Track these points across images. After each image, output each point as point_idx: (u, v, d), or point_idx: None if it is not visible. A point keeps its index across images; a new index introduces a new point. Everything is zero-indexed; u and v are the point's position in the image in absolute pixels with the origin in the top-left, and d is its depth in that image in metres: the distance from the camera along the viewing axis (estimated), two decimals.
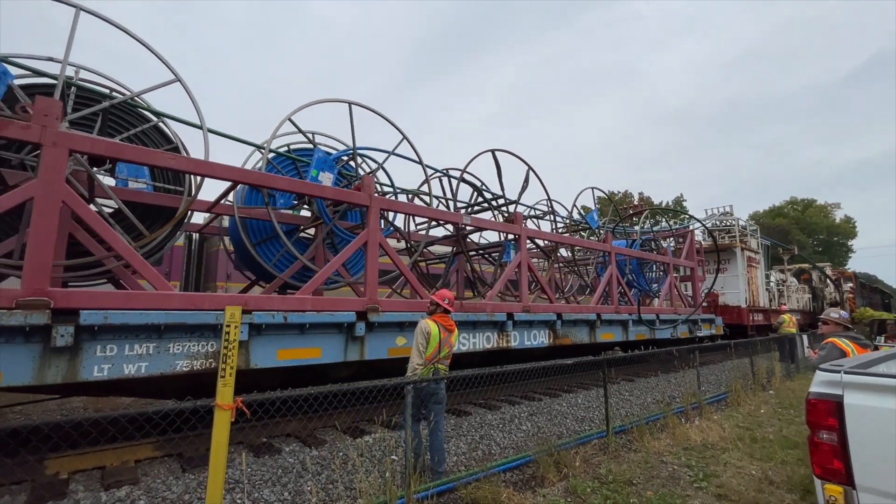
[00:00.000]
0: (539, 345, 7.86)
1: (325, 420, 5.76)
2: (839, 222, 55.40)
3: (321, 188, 5.74)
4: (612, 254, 10.04)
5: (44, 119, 3.85)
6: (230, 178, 5.07)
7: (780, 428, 6.45)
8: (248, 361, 4.63)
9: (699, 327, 12.24)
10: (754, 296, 17.28)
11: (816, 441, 2.23)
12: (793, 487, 4.36)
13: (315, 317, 5.06)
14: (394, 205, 6.71)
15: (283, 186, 5.47)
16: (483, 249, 10.00)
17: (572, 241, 9.90)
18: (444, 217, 7.49)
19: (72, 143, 4.00)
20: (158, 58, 5.19)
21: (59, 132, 3.92)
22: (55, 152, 3.87)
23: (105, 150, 4.23)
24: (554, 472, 4.57)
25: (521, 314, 7.41)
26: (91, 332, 3.82)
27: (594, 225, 10.82)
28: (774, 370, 10.14)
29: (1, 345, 3.47)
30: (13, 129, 3.70)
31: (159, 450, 4.69)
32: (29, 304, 3.52)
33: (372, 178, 6.21)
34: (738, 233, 17.36)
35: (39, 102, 3.90)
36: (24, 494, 3.67)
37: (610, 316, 9.28)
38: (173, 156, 4.65)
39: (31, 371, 3.58)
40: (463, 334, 6.63)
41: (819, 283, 25.56)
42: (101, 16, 4.88)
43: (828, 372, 2.25)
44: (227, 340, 3.14)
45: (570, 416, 6.70)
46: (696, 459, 5.15)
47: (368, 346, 5.57)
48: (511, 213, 8.44)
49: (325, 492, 4.03)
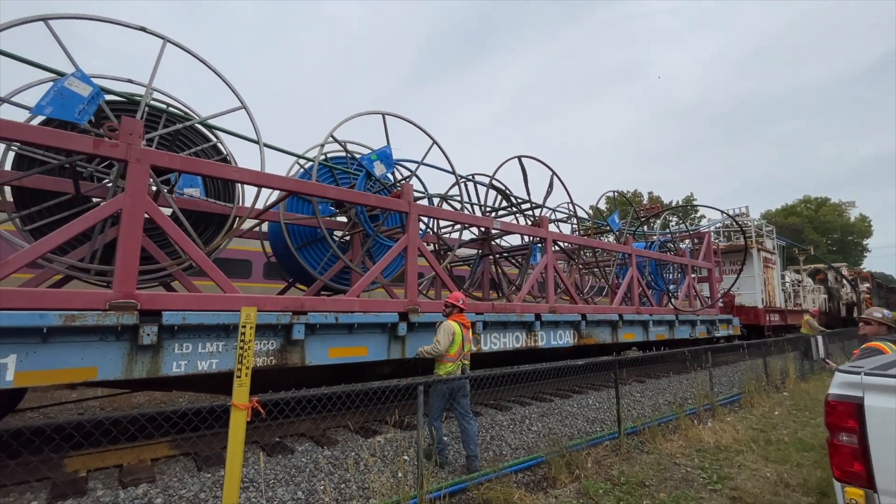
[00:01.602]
0: (564, 344, 8.08)
1: (337, 420, 5.82)
2: (854, 221, 54.45)
3: (365, 196, 6.11)
4: (632, 256, 10.22)
5: (129, 138, 4.18)
6: (287, 189, 5.54)
7: (795, 430, 6.36)
8: (304, 359, 4.93)
9: (717, 327, 12.33)
10: (771, 296, 17.25)
11: (836, 443, 2.20)
12: (809, 490, 4.30)
13: (362, 317, 5.37)
14: (431, 211, 7.11)
15: (333, 195, 5.86)
16: (509, 252, 10.22)
17: (595, 244, 10.08)
18: (477, 222, 7.86)
19: (153, 159, 4.34)
20: (229, 86, 5.59)
21: (142, 149, 4.26)
22: (139, 168, 4.20)
23: (181, 165, 4.60)
24: (566, 473, 4.56)
25: (548, 315, 7.64)
26: (171, 332, 4.13)
27: (615, 227, 10.97)
28: (789, 371, 10.01)
29: (96, 343, 3.79)
30: (104, 146, 4.05)
31: (175, 448, 4.76)
32: (120, 305, 3.85)
33: (411, 185, 6.50)
34: (755, 234, 17.36)
35: (126, 123, 4.22)
36: (45, 492, 3.76)
37: (631, 316, 9.48)
38: (238, 169, 5.03)
39: (121, 367, 3.89)
40: (494, 334, 6.91)
41: (835, 283, 25.18)
42: (185, 48, 5.33)
43: (847, 373, 2.22)
44: (242, 341, 3.18)
45: (580, 417, 6.67)
46: (709, 461, 5.11)
47: (409, 345, 5.86)
48: (537, 216, 8.73)
49: (338, 491, 4.06)
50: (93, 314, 3.68)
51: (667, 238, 13.20)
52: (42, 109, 4.01)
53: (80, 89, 4.15)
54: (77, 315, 3.60)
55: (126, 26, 5.07)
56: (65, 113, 4.08)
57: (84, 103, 4.16)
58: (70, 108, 4.08)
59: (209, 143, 6.04)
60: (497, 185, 9.14)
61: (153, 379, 4.20)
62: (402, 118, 7.19)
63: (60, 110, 4.05)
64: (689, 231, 15.00)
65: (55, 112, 4.04)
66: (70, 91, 4.10)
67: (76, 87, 4.14)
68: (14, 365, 3.43)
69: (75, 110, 4.10)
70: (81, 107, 4.14)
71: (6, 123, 3.71)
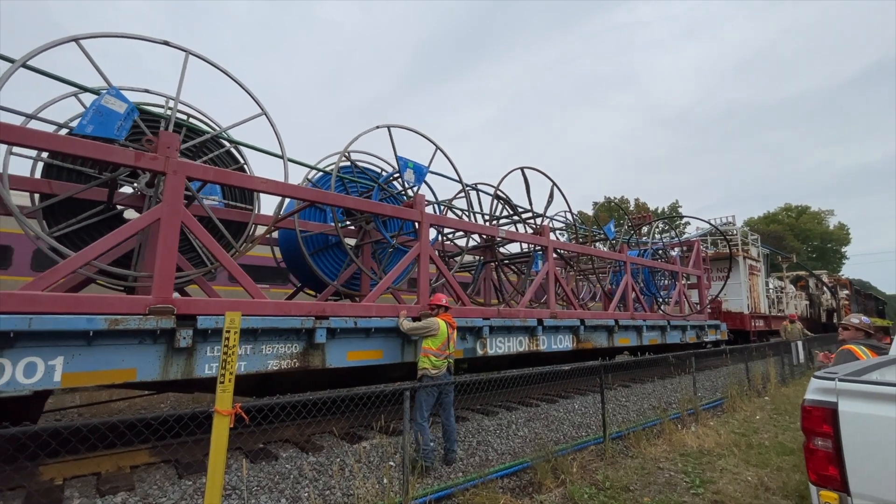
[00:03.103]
0: (564, 348, 8.36)
1: (322, 426, 5.76)
2: (833, 229, 55.92)
3: (381, 206, 6.45)
4: (627, 263, 10.56)
5: (167, 150, 4.37)
6: (309, 199, 5.86)
7: (775, 434, 6.48)
8: (325, 361, 5.12)
9: (706, 332, 12.79)
10: (756, 302, 17.96)
11: (812, 448, 2.26)
12: (788, 494, 4.38)
13: (379, 322, 5.57)
14: (441, 220, 7.35)
15: (351, 205, 6.07)
16: (512, 259, 10.53)
17: (593, 252, 10.42)
18: (484, 231, 8.21)
19: (189, 171, 4.52)
20: (251, 96, 5.77)
21: (179, 161, 4.43)
22: (176, 179, 4.38)
23: (214, 176, 4.79)
24: (551, 478, 4.58)
25: (549, 320, 7.91)
26: (204, 335, 4.28)
27: (611, 236, 11.31)
28: (770, 376, 10.20)
29: (135, 345, 3.96)
30: (144, 159, 4.26)
31: (156, 455, 4.66)
32: (159, 310, 4.03)
33: (423, 196, 6.71)
34: (740, 242, 18.01)
35: (163, 136, 4.41)
36: (19, 501, 3.65)
37: (626, 322, 9.82)
38: (265, 180, 5.21)
39: (158, 368, 4.05)
40: (499, 338, 7.19)
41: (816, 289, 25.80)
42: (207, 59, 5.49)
43: (822, 379, 2.28)
44: (226, 346, 3.14)
45: (567, 422, 6.71)
46: (692, 465, 5.17)
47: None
48: (538, 225, 9.10)
49: (323, 498, 4.02)
50: (134, 318, 3.87)
51: (658, 246, 13.69)
52: (84, 129, 4.19)
53: (117, 106, 4.35)
54: (120, 319, 3.78)
55: (150, 41, 5.23)
56: (105, 130, 4.29)
57: (121, 120, 4.38)
58: (109, 126, 4.30)
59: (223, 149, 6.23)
60: (501, 195, 9.51)
61: (184, 380, 4.32)
62: (414, 131, 7.52)
63: (101, 128, 4.26)
64: (680, 239, 15.57)
65: (96, 130, 4.24)
66: (108, 109, 4.29)
67: (113, 104, 4.33)
68: (62, 366, 3.59)
69: (114, 127, 4.33)
70: (119, 123, 4.36)
71: (55, 137, 3.98)
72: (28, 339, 3.45)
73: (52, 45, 4.49)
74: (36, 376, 3.48)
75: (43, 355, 3.53)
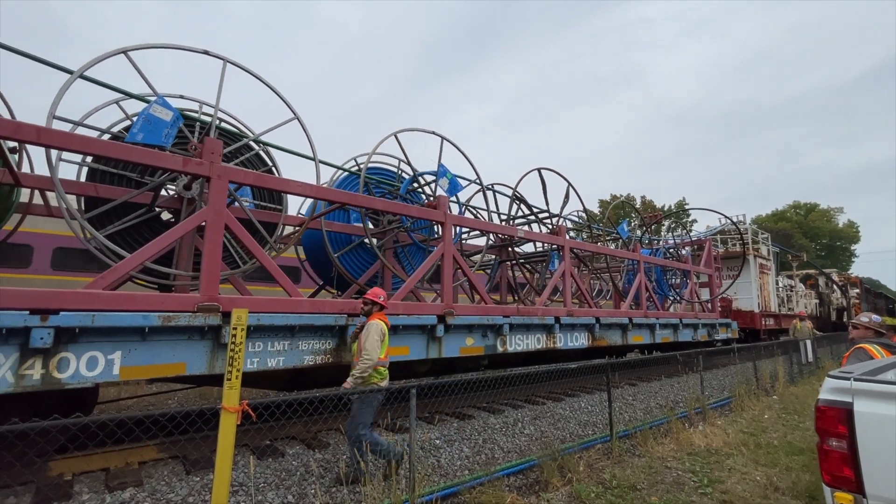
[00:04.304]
0: (580, 346, 8.48)
1: (329, 423, 5.77)
2: (842, 227, 55.24)
3: (408, 207, 6.71)
4: (640, 262, 10.65)
5: (211, 156, 4.58)
6: (340, 201, 6.07)
7: (784, 434, 6.42)
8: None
9: (717, 331, 12.87)
10: (766, 301, 17.96)
11: (826, 449, 2.22)
12: (798, 494, 4.33)
13: (406, 319, 5.73)
14: (463, 221, 7.52)
15: (380, 207, 6.30)
16: (528, 258, 10.70)
17: (607, 252, 10.56)
18: (503, 231, 8.41)
19: (231, 175, 4.74)
20: (284, 102, 6.03)
21: (222, 166, 4.64)
22: (220, 184, 4.60)
23: (254, 180, 5.03)
24: (558, 476, 4.56)
25: (566, 318, 8.06)
26: (247, 332, 4.21)
27: (624, 235, 11.41)
28: (778, 375, 10.11)
29: (185, 341, 4.17)
30: (191, 164, 4.47)
31: (164, 452, 4.70)
32: (206, 308, 4.24)
33: (446, 198, 6.85)
34: (751, 240, 17.98)
35: (208, 143, 4.63)
36: (29, 496, 3.68)
37: (640, 320, 9.94)
38: (301, 184, 5.40)
39: (205, 363, 4.27)
40: (518, 335, 7.33)
41: (825, 288, 25.57)
42: (244, 67, 5.72)
43: (837, 379, 2.24)
44: (233, 343, 3.14)
45: (573, 421, 6.68)
46: (700, 465, 5.13)
47: (445, 345, 6.29)
48: (555, 225, 9.28)
49: (329, 495, 4.03)
50: (184, 315, 4.07)
51: (670, 245, 13.83)
52: (135, 136, 4.44)
53: (164, 115, 4.59)
54: (172, 316, 3.99)
55: (191, 51, 5.44)
56: (153, 138, 4.52)
57: (168, 127, 4.61)
58: (157, 133, 4.54)
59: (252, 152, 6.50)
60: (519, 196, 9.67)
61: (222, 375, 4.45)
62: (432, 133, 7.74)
63: (150, 135, 4.50)
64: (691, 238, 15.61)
65: (146, 137, 4.48)
66: (156, 117, 4.54)
67: (160, 113, 4.57)
68: (119, 360, 3.81)
69: (162, 134, 4.56)
70: (166, 131, 4.60)
71: (117, 146, 4.22)
72: (91, 334, 3.66)
73: (104, 58, 4.75)
74: (97, 369, 3.70)
75: (103, 350, 3.75)
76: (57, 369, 3.53)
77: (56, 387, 3.52)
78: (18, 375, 3.37)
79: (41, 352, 3.46)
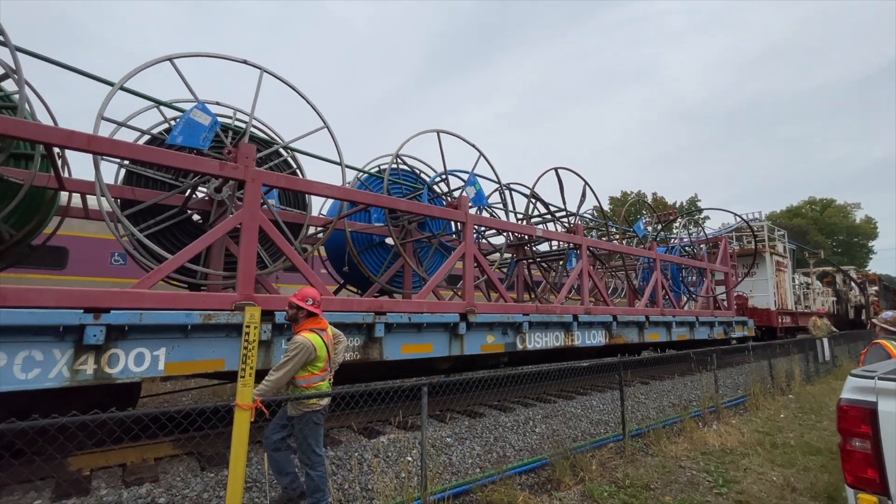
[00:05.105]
0: (597, 343, 8.49)
1: (340, 420, 5.80)
2: (859, 223, 54.04)
3: (430, 207, 6.89)
4: (657, 260, 10.63)
5: (246, 161, 4.76)
6: (367, 202, 6.14)
7: (801, 433, 6.31)
8: (382, 354, 5.43)
9: (733, 329, 12.78)
10: (783, 299, 17.72)
11: (849, 449, 2.16)
12: (817, 495, 4.26)
13: (430, 317, 5.84)
14: (484, 221, 7.63)
15: (404, 208, 6.45)
16: (545, 256, 10.73)
17: (624, 250, 10.52)
18: (523, 230, 8.53)
19: (265, 179, 4.89)
20: (315, 110, 6.20)
21: (256, 170, 4.81)
22: (254, 187, 4.76)
23: (286, 183, 5.24)
24: (570, 475, 4.53)
25: (584, 315, 8.11)
26: (280, 329, 4.59)
27: (640, 234, 11.39)
28: (794, 374, 9.94)
29: (223, 338, 4.31)
30: (227, 168, 4.64)
31: (179, 448, 4.76)
32: (243, 306, 4.21)
33: (467, 198, 6.96)
34: (767, 237, 17.78)
35: (243, 148, 4.79)
36: (49, 490, 3.75)
37: (656, 318, 9.92)
38: (328, 186, 5.53)
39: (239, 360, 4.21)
40: (536, 333, 7.35)
41: (843, 285, 25.08)
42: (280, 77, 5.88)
43: (860, 378, 2.19)
44: (246, 341, 3.16)
45: (584, 419, 6.64)
46: (714, 464, 5.07)
47: (467, 343, 6.37)
48: (572, 224, 9.36)
49: (342, 492, 4.05)
50: (223, 314, 4.21)
51: (686, 243, 13.73)
52: (175, 139, 4.67)
53: (203, 119, 4.83)
54: (213, 314, 4.15)
55: (231, 60, 5.63)
56: (192, 141, 4.74)
57: (206, 131, 4.84)
58: (196, 137, 4.76)
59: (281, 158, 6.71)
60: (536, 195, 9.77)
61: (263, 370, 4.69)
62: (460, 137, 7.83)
63: (189, 139, 4.72)
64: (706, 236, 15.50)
65: (185, 140, 4.70)
66: (195, 121, 4.77)
67: (199, 117, 4.81)
68: (164, 356, 3.96)
69: (200, 138, 4.79)
70: (204, 135, 4.82)
71: (161, 152, 4.39)
72: (138, 331, 3.83)
73: (148, 66, 4.98)
74: (144, 365, 3.87)
75: (149, 346, 3.91)
76: (108, 365, 3.71)
77: (107, 381, 3.69)
78: (73, 370, 3.56)
79: (94, 348, 3.64)
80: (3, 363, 3.31)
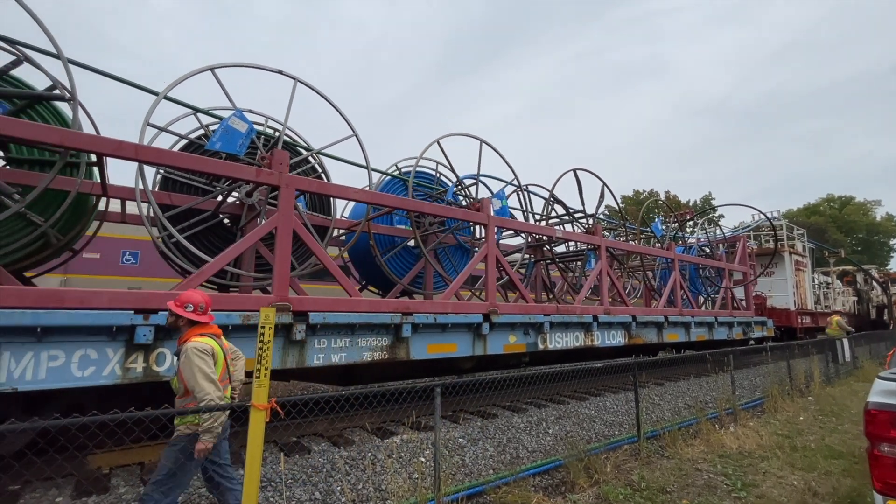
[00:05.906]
0: (617, 343, 8.53)
1: (354, 420, 5.82)
2: (880, 220, 52.67)
3: (453, 210, 6.94)
4: (675, 260, 10.61)
5: (280, 167, 4.90)
6: (393, 206, 6.29)
7: (821, 436, 6.17)
8: (409, 353, 5.56)
9: (752, 329, 12.68)
10: (802, 299, 17.50)
11: (877, 454, 2.10)
12: (839, 500, 4.16)
13: (454, 318, 5.95)
14: (505, 222, 7.64)
15: (428, 210, 6.64)
16: (562, 257, 10.80)
17: (643, 251, 10.52)
18: (543, 231, 8.60)
19: (298, 184, 5.02)
20: (343, 118, 6.44)
21: (289, 176, 4.93)
22: (288, 192, 4.89)
23: (317, 188, 5.42)
24: (584, 477, 4.49)
25: (604, 316, 8.14)
26: (313, 330, 4.77)
27: (658, 234, 11.36)
28: (813, 375, 9.73)
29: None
30: (263, 174, 4.80)
31: None
32: (279, 307, 4.47)
33: (489, 200, 7.10)
34: (786, 237, 17.52)
35: (277, 155, 4.94)
36: (70, 488, 3.83)
37: (675, 318, 9.93)
38: (358, 191, 5.70)
39: (278, 358, 4.55)
40: (557, 333, 7.43)
41: (864, 285, 24.50)
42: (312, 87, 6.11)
43: (889, 380, 2.12)
44: (261, 342, 3.18)
45: (598, 421, 6.57)
46: (732, 468, 4.98)
47: (490, 343, 6.48)
48: (591, 224, 9.40)
49: (356, 492, 4.06)
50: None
51: (704, 243, 13.61)
52: (214, 144, 4.90)
53: (240, 126, 5.03)
54: (251, 315, 4.29)
55: (266, 70, 5.86)
56: (230, 147, 4.94)
57: (243, 138, 5.02)
58: (233, 143, 4.97)
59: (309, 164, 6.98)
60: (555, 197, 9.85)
61: (298, 369, 4.86)
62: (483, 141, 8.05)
63: (227, 145, 4.93)
64: (724, 236, 15.32)
65: (223, 146, 4.91)
66: (233, 128, 4.98)
67: (237, 124, 5.01)
68: None
69: (237, 144, 5.00)
70: (241, 141, 5.02)
71: (203, 160, 4.59)
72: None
73: (190, 75, 5.23)
74: None
75: None
76: (155, 363, 3.87)
77: (155, 378, 3.82)
78: (125, 368, 3.75)
79: (143, 347, 3.80)
80: (62, 361, 3.46)
